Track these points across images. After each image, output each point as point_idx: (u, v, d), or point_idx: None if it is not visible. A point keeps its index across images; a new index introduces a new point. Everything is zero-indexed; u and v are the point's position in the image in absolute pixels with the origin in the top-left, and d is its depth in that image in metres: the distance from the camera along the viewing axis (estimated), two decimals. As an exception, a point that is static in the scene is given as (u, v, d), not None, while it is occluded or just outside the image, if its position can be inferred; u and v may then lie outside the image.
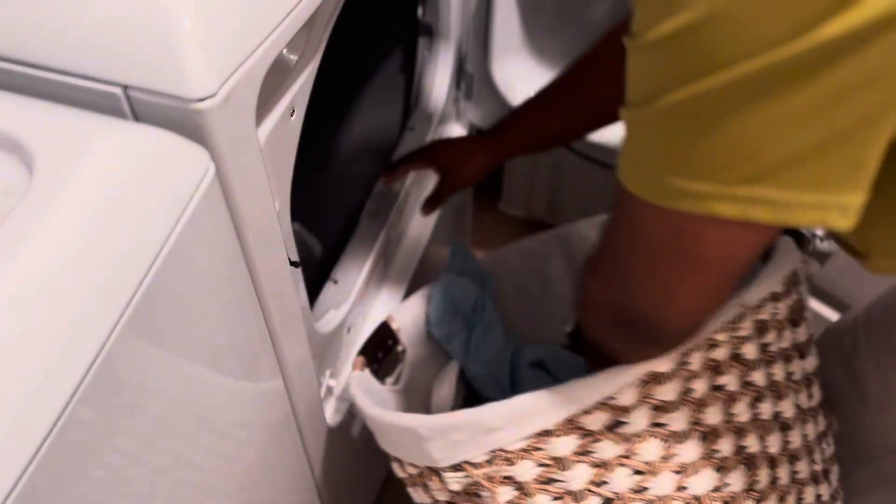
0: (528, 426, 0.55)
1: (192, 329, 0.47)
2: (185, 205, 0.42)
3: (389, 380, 0.83)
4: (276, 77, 0.53)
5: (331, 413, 0.82)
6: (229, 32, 0.43)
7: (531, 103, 0.77)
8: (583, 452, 0.54)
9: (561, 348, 0.91)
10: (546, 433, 0.54)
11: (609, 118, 0.72)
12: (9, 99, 0.43)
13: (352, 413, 0.83)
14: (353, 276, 0.85)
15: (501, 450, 0.55)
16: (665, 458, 0.54)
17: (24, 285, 0.35)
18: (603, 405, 0.54)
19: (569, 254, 0.94)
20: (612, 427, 0.54)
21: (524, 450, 0.55)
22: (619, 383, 0.53)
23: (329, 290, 0.83)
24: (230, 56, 0.43)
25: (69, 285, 0.36)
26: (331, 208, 1.01)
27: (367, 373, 0.78)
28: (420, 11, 1.00)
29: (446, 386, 0.83)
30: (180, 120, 0.42)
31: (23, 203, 0.37)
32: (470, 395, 0.87)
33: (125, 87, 0.42)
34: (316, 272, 0.85)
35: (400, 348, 0.85)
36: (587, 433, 0.54)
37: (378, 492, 1.14)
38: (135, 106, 0.42)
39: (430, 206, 0.91)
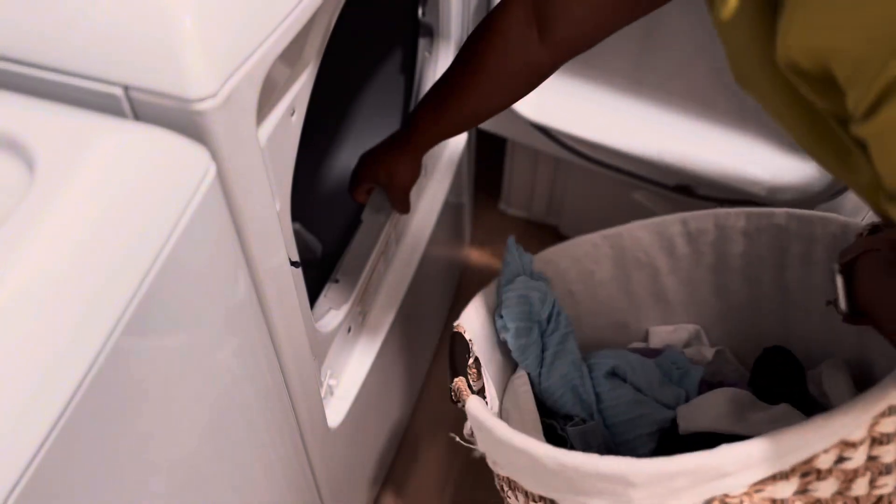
0: (764, 469, 0.50)
1: (193, 329, 0.47)
2: (185, 204, 0.42)
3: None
4: (277, 77, 0.53)
5: (331, 413, 0.82)
6: (230, 32, 0.43)
7: (437, 95, 0.76)
8: (802, 491, 0.51)
9: (628, 352, 0.89)
10: (775, 476, 0.50)
11: (518, 95, 0.72)
12: (10, 99, 0.43)
13: (468, 441, 0.69)
14: (353, 275, 0.85)
15: (726, 495, 0.51)
16: (868, 493, 0.53)
17: (25, 285, 0.35)
18: (840, 441, 0.51)
19: (620, 257, 0.91)
20: (837, 463, 0.52)
21: (746, 493, 0.51)
22: (867, 418, 0.50)
23: (329, 290, 0.83)
24: (231, 56, 0.43)
25: (70, 285, 0.36)
26: (331, 208, 1.01)
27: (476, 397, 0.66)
28: (420, 11, 1.00)
29: (528, 406, 0.78)
30: (181, 120, 0.42)
31: (23, 203, 0.37)
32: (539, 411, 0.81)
33: (126, 87, 0.42)
34: (316, 272, 0.85)
35: (471, 360, 0.74)
36: (813, 472, 0.51)
37: (378, 491, 1.15)
38: (135, 106, 0.42)
39: (399, 211, 0.91)
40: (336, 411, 0.83)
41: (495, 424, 0.60)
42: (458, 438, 0.67)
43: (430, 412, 1.25)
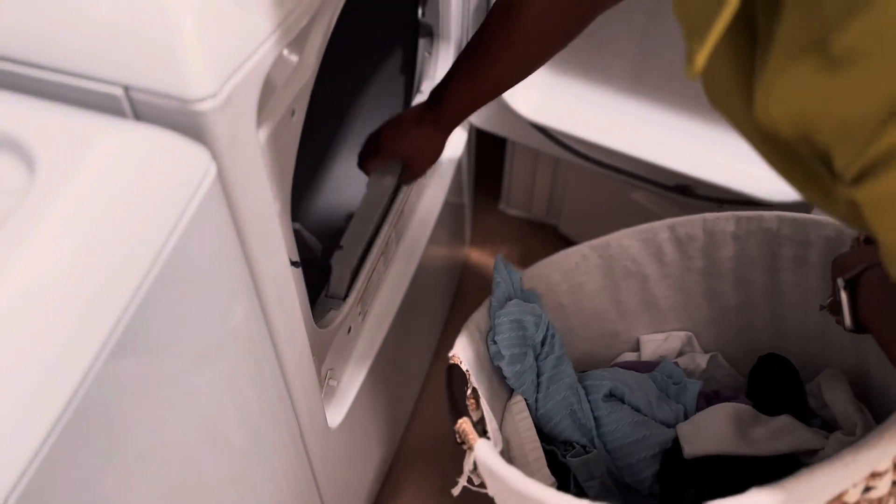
0: None
1: (193, 328, 0.47)
2: (186, 204, 0.42)
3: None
4: (277, 78, 0.53)
5: (331, 413, 0.82)
6: (230, 33, 0.43)
7: (467, 63, 0.74)
8: None
9: (623, 370, 0.88)
10: None
11: (555, 49, 0.71)
12: (10, 99, 0.43)
13: (476, 486, 0.64)
14: (355, 255, 0.85)
15: None
16: None
17: (25, 285, 0.35)
18: (868, 473, 0.51)
19: (608, 266, 0.90)
20: (864, 493, 0.52)
21: None
22: (894, 448, 0.50)
23: (330, 290, 0.83)
24: (231, 56, 0.43)
25: (70, 286, 0.36)
26: (331, 208, 1.01)
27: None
28: (420, 12, 1.00)
29: (528, 434, 0.76)
30: (181, 120, 0.42)
31: (24, 203, 0.37)
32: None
33: (126, 88, 0.42)
34: (316, 272, 0.85)
35: (469, 391, 0.72)
36: None
37: (379, 491, 1.15)
38: (136, 106, 0.42)
39: (407, 183, 0.90)
40: (336, 411, 0.83)
41: (509, 473, 0.57)
42: (466, 484, 0.65)
43: (431, 411, 1.25)
